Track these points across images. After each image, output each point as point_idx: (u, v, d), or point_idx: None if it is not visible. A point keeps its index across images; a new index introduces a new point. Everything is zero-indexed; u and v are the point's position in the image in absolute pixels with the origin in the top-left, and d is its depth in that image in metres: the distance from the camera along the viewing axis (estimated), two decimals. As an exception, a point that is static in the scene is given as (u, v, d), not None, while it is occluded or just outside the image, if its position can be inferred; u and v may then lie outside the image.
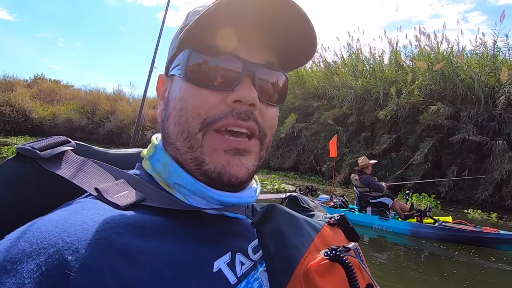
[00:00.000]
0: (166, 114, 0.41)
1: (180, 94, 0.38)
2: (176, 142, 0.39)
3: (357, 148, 13.67)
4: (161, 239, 0.32)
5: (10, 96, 25.11)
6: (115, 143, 23.25)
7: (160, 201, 0.36)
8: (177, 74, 0.40)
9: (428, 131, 11.90)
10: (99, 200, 0.34)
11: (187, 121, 0.37)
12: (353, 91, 14.39)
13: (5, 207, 0.37)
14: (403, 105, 12.48)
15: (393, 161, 12.59)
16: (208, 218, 0.39)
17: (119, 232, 0.29)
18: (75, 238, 0.27)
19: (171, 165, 0.40)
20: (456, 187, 11.11)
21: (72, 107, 25.92)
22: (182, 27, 0.42)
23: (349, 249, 0.35)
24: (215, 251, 0.35)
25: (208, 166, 0.37)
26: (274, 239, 0.35)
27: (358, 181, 6.64)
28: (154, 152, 0.42)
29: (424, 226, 5.78)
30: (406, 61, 14.64)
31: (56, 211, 0.31)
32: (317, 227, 0.38)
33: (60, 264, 0.25)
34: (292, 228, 0.36)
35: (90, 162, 0.40)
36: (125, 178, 0.38)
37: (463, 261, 4.65)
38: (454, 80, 11.84)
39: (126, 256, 0.28)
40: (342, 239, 0.41)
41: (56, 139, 0.41)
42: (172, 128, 0.39)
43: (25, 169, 0.38)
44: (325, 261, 0.33)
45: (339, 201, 7.16)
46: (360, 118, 14.34)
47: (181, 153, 0.39)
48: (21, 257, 0.25)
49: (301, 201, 0.52)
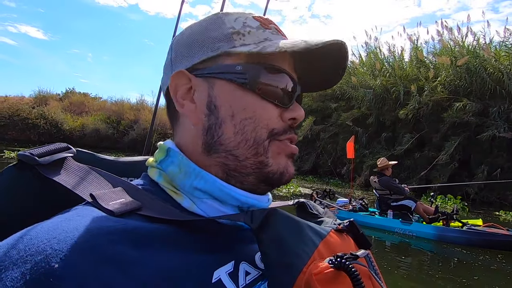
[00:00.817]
0: (215, 120, 0.40)
1: (243, 104, 0.39)
2: (236, 149, 0.39)
3: (377, 149, 13.22)
4: (157, 248, 0.31)
5: (44, 110, 26.85)
6: (139, 150, 24.14)
7: (156, 210, 0.36)
8: (233, 81, 0.39)
9: (454, 129, 11.29)
10: (96, 207, 0.33)
11: (255, 130, 0.39)
12: (371, 90, 13.99)
13: (4, 213, 0.37)
14: (426, 103, 11.94)
15: (417, 162, 12.03)
16: (211, 226, 0.38)
17: (112, 239, 0.28)
18: (64, 246, 0.26)
19: (188, 165, 0.39)
20: (487, 188, 10.39)
21: (99, 117, 27.22)
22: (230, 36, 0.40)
23: (358, 256, 0.33)
24: (216, 259, 0.34)
25: (271, 168, 0.40)
26: (274, 246, 0.33)
27: (378, 183, 6.41)
28: (165, 156, 0.41)
29: (451, 230, 5.43)
30: (429, 57, 14.04)
31: (52, 218, 0.31)
32: (322, 234, 0.37)
33: (45, 272, 0.24)
34: (293, 234, 0.34)
35: (89, 169, 0.40)
36: (123, 186, 0.38)
37: (497, 268, 4.33)
38: (481, 74, 11.17)
39: (117, 265, 0.27)
40: (351, 246, 0.39)
41: (57, 145, 0.41)
42: (232, 137, 0.39)
43: (24, 176, 0.38)
44: (330, 269, 0.31)
45: (358, 205, 6.94)
46: (380, 118, 13.88)
47: (239, 160, 0.39)
48: (7, 265, 0.25)
49: (309, 207, 0.50)
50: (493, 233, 5.11)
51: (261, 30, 0.41)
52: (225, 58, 0.40)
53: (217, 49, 0.40)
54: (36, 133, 25.49)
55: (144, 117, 25.86)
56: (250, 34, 0.40)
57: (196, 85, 0.41)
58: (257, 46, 0.39)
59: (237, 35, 0.40)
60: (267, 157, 0.40)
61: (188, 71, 0.42)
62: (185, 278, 0.30)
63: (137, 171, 0.46)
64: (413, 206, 6.11)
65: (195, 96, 0.41)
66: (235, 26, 0.41)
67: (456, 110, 10.90)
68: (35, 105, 27.97)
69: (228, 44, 0.40)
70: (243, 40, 0.40)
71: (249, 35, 0.40)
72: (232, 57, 0.40)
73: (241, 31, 0.40)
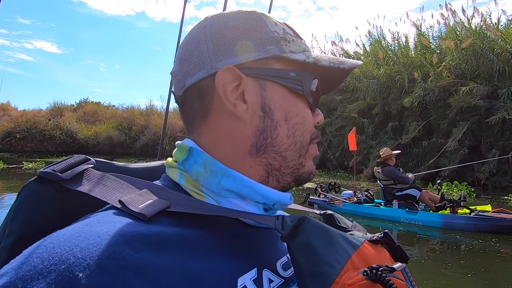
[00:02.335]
0: (270, 123, 0.40)
1: (296, 109, 0.41)
2: (286, 151, 0.41)
3: (384, 140, 13.05)
4: (180, 253, 0.30)
5: (59, 121, 27.96)
6: (150, 155, 24.72)
7: (186, 206, 0.35)
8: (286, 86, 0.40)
9: (462, 114, 11.01)
10: (119, 212, 0.33)
11: (303, 134, 0.42)
12: (375, 80, 13.79)
13: (28, 225, 0.37)
14: (432, 89, 11.68)
15: (425, 150, 11.81)
16: (235, 229, 0.38)
17: (134, 246, 0.28)
18: (87, 253, 0.26)
19: (213, 164, 0.39)
20: (500, 173, 10.11)
21: (111, 125, 28.04)
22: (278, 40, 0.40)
23: (394, 269, 0.32)
24: (240, 266, 0.33)
25: (306, 168, 0.43)
26: (306, 255, 0.32)
27: (381, 174, 6.33)
28: (187, 155, 0.40)
29: (459, 217, 5.33)
30: (434, 42, 13.69)
31: (72, 224, 0.31)
32: (355, 244, 0.35)
33: (70, 282, 0.24)
34: (325, 243, 0.33)
35: (111, 176, 0.40)
36: (148, 188, 0.38)
37: (509, 253, 4.22)
38: (488, 55, 10.83)
39: (139, 272, 0.26)
40: (386, 258, 0.37)
41: (76, 158, 0.41)
42: (285, 139, 0.40)
43: (46, 191, 0.38)
44: (364, 281, 0.30)
45: (363, 196, 6.90)
46: (386, 108, 13.69)
47: (286, 161, 0.41)
48: (32, 275, 0.25)
49: (337, 220, 0.49)
50: (502, 218, 4.98)
51: (298, 39, 0.43)
52: (274, 62, 0.40)
53: (267, 52, 0.39)
54: (53, 144, 26.60)
55: (154, 122, 26.48)
56: (293, 42, 0.41)
57: (246, 85, 0.39)
58: (304, 55, 0.41)
59: (284, 41, 0.41)
60: (305, 159, 0.43)
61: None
62: (209, 284, 0.30)
63: (154, 177, 0.45)
64: (418, 195, 6.02)
65: (246, 97, 0.39)
66: (278, 31, 0.41)
67: (462, 94, 10.62)
68: (51, 116, 29.14)
69: (277, 48, 0.40)
70: (289, 47, 0.41)
71: (293, 43, 0.41)
72: (280, 62, 0.40)
73: (286, 38, 0.41)
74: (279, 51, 0.40)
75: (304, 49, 0.42)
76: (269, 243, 0.40)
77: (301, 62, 0.40)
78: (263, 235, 0.40)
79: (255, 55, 0.39)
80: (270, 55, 0.40)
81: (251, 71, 0.40)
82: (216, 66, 0.39)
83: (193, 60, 0.40)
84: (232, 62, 0.39)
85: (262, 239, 0.40)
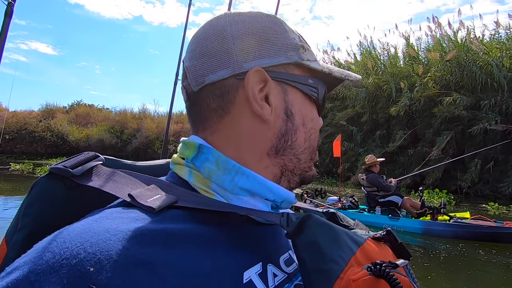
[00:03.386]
0: (291, 127, 0.41)
1: (312, 115, 0.44)
2: (302, 154, 0.43)
3: (372, 147, 13.27)
4: (188, 248, 0.31)
5: (51, 123, 27.69)
6: (142, 158, 24.57)
7: (193, 201, 0.36)
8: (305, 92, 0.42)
9: (447, 124, 11.30)
10: (128, 208, 0.33)
11: (316, 139, 0.44)
12: (364, 89, 14.09)
13: (41, 220, 0.38)
14: (418, 99, 11.98)
15: (411, 158, 12.06)
16: (241, 224, 0.38)
17: (143, 241, 0.28)
18: (97, 249, 0.26)
19: (226, 161, 0.39)
20: (482, 181, 10.36)
21: (103, 128, 27.85)
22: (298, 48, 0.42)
23: (397, 265, 0.32)
24: (246, 260, 0.34)
25: (312, 171, 0.45)
26: (311, 251, 0.33)
27: (365, 181, 6.47)
28: (197, 152, 0.40)
29: (438, 224, 5.49)
30: (421, 54, 14.10)
31: (82, 219, 0.32)
32: (358, 241, 0.36)
33: (82, 276, 0.25)
34: (330, 240, 0.34)
35: (120, 172, 0.40)
36: (156, 183, 0.38)
37: (484, 260, 4.33)
38: (471, 68, 11.19)
39: (148, 267, 0.27)
40: (389, 255, 0.38)
41: (86, 155, 0.42)
42: (302, 143, 0.42)
43: (56, 186, 0.39)
44: (368, 276, 0.30)
45: (348, 202, 7.01)
46: (374, 116, 13.97)
47: (300, 162, 0.43)
48: (45, 269, 0.25)
49: (340, 218, 0.48)
50: (479, 225, 5.14)
51: (310, 48, 0.44)
52: (294, 68, 0.42)
53: (289, 58, 0.41)
54: (43, 146, 26.28)
55: (146, 126, 26.37)
56: (308, 51, 0.43)
57: (271, 88, 0.40)
58: (319, 65, 0.43)
59: (302, 49, 0.42)
60: (312, 161, 0.45)
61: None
62: (217, 278, 0.30)
63: (160, 174, 0.45)
64: (399, 201, 6.18)
65: (271, 99, 0.40)
66: (295, 38, 0.42)
67: (446, 104, 10.92)
68: (42, 118, 28.85)
69: (297, 55, 0.41)
70: (306, 55, 0.42)
71: (308, 52, 0.43)
72: (299, 69, 0.42)
73: (304, 46, 0.42)
74: (299, 58, 0.41)
75: (315, 58, 0.44)
76: (273, 239, 0.41)
77: (318, 71, 0.42)
78: (267, 231, 0.41)
79: (280, 60, 0.40)
80: (292, 61, 0.41)
81: (276, 75, 0.40)
82: (243, 66, 0.39)
83: (217, 57, 0.39)
84: (259, 63, 0.39)
85: (266, 235, 0.40)
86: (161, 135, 25.32)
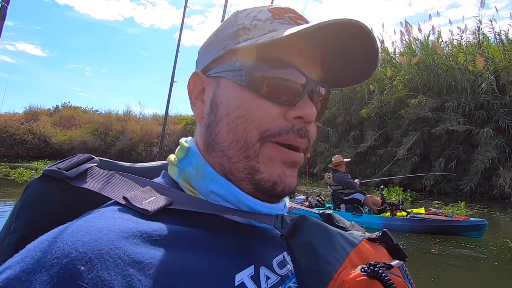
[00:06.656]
0: (213, 118, 0.39)
1: (238, 102, 0.38)
2: (228, 150, 0.38)
3: (345, 148, 13.66)
4: (180, 249, 0.31)
5: (33, 125, 27.33)
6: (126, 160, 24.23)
7: (188, 204, 0.36)
8: (231, 79, 0.38)
9: (414, 125, 11.76)
10: (121, 208, 0.33)
11: (246, 130, 0.37)
12: (339, 91, 14.49)
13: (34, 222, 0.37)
14: (388, 101, 12.42)
15: (381, 158, 12.48)
16: (233, 227, 0.38)
17: (134, 241, 0.29)
18: (88, 248, 0.26)
19: (205, 167, 0.39)
20: (445, 180, 10.82)
21: (87, 130, 27.67)
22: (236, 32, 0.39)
23: (392, 266, 0.33)
24: (237, 263, 0.34)
25: (263, 175, 0.37)
26: (305, 253, 0.33)
27: (331, 179, 6.71)
28: (185, 155, 0.41)
29: (397, 219, 5.77)
30: (395, 58, 14.60)
31: (75, 220, 0.31)
32: (353, 242, 0.36)
33: (72, 275, 0.25)
34: (324, 241, 0.33)
35: (115, 174, 0.40)
36: (151, 185, 0.38)
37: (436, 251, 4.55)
38: (436, 71, 11.69)
39: (139, 267, 0.27)
40: (384, 256, 0.38)
41: (80, 157, 0.41)
42: (225, 136, 0.38)
43: (50, 188, 0.39)
44: (362, 277, 0.30)
45: (315, 201, 7.22)
46: (348, 117, 14.39)
47: (232, 161, 0.38)
48: (35, 268, 0.25)
49: (336, 220, 0.48)
50: (432, 219, 5.45)
51: (269, 21, 0.39)
52: (231, 56, 0.39)
53: (223, 48, 0.40)
54: (24, 148, 25.90)
55: (130, 127, 26.29)
56: (256, 28, 0.38)
57: (207, 85, 0.41)
58: (257, 40, 0.37)
59: (243, 30, 0.39)
60: (258, 162, 0.37)
61: (202, 72, 0.42)
62: (208, 280, 0.30)
63: (155, 176, 0.45)
64: (362, 198, 6.49)
65: (204, 96, 0.42)
66: (244, 21, 0.39)
67: (413, 106, 11.36)
68: (25, 120, 28.42)
69: (233, 41, 0.39)
70: (247, 35, 0.38)
71: (254, 29, 0.38)
72: (236, 54, 0.39)
73: (247, 26, 0.39)
74: (234, 43, 0.39)
75: (270, 30, 0.38)
76: (266, 242, 0.40)
77: (244, 49, 0.38)
78: (260, 233, 0.41)
79: (214, 55, 0.41)
80: (226, 51, 0.39)
81: (211, 72, 0.41)
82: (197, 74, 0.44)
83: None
84: (200, 67, 0.43)
85: (260, 237, 0.40)
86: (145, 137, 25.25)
